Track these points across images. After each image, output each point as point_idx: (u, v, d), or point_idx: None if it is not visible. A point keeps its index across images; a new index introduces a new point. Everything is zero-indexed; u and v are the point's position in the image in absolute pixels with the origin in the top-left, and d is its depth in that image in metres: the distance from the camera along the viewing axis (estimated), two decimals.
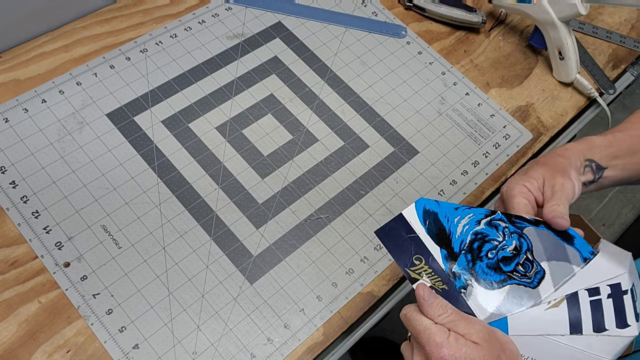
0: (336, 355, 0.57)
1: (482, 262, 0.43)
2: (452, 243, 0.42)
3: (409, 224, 0.42)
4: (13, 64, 0.67)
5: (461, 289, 0.42)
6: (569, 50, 0.74)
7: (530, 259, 0.43)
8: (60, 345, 0.52)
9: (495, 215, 0.43)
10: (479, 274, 0.42)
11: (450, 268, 0.42)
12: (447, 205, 0.42)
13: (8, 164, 0.61)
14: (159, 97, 0.68)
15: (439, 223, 0.42)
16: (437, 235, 0.42)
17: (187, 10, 0.75)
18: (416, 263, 0.42)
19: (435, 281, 0.42)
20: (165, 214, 0.60)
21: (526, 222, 0.44)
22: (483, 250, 0.43)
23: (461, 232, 0.42)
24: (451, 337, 0.39)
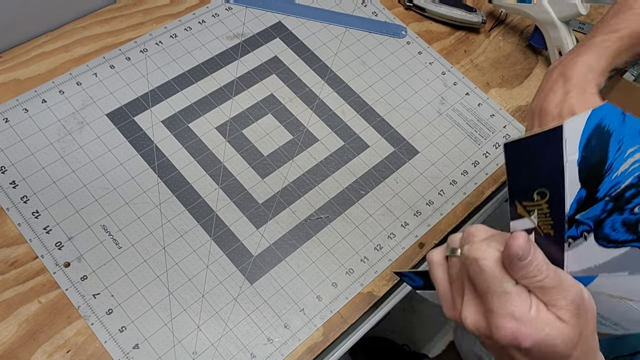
0: (336, 355, 0.57)
1: (621, 215, 0.31)
2: (601, 183, 0.31)
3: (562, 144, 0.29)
4: (13, 64, 0.67)
5: (569, 238, 0.33)
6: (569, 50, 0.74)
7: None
8: (60, 345, 0.52)
9: None
10: (604, 228, 0.32)
11: (574, 214, 0.32)
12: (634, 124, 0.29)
13: (8, 164, 0.61)
14: (159, 97, 0.68)
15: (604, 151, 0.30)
16: (590, 168, 0.30)
17: (187, 10, 0.75)
18: (535, 198, 0.32)
19: (544, 223, 0.33)
20: (165, 214, 0.60)
21: None
22: (633, 202, 0.31)
23: (625, 170, 0.30)
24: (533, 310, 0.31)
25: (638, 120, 0.30)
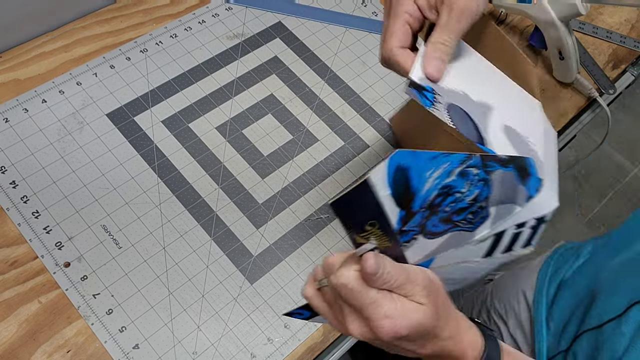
0: (336, 355, 0.57)
1: (436, 216, 0.40)
2: (413, 202, 0.38)
3: (374, 189, 0.36)
4: (13, 64, 0.67)
5: (404, 243, 0.40)
6: (569, 50, 0.74)
7: (484, 206, 0.41)
8: (60, 345, 0.52)
9: (471, 160, 0.39)
10: (427, 227, 0.40)
11: (401, 227, 0.39)
12: (423, 157, 0.37)
13: (8, 164, 0.61)
14: (159, 97, 0.68)
15: (408, 181, 0.37)
16: (401, 195, 0.37)
17: (187, 10, 0.75)
18: (367, 229, 0.39)
19: (382, 241, 0.40)
20: (165, 214, 0.60)
21: (497, 163, 0.40)
22: (443, 205, 0.39)
23: (428, 188, 0.38)
24: (399, 305, 0.37)
25: (426, 152, 0.37)
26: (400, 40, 0.43)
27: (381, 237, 0.39)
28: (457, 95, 0.44)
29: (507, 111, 0.46)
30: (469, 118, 0.43)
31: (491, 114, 0.45)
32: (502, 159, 0.40)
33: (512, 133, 0.44)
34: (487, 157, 0.39)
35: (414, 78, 0.42)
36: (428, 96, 0.42)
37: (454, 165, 0.38)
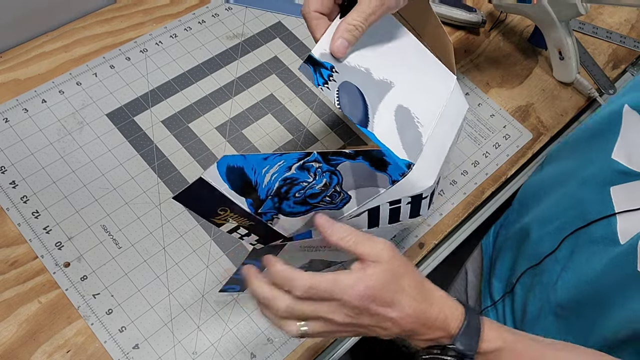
0: (336, 355, 0.57)
1: (288, 201, 0.43)
2: (257, 192, 0.42)
3: (210, 184, 0.40)
4: (13, 64, 0.67)
5: (268, 222, 0.44)
6: (569, 50, 0.74)
7: (339, 190, 0.44)
8: (60, 345, 0.52)
9: (309, 157, 0.42)
10: (284, 210, 0.44)
11: (255, 210, 0.43)
12: (255, 158, 0.41)
13: (8, 164, 0.61)
14: (159, 97, 0.68)
15: (245, 177, 0.41)
16: (242, 188, 0.41)
17: (187, 10, 0.75)
18: (220, 213, 0.43)
19: (242, 221, 0.44)
20: (165, 214, 0.60)
21: (343, 157, 0.43)
22: (290, 193, 0.43)
23: (269, 181, 0.42)
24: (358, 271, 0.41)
25: (256, 155, 0.41)
26: (320, 5, 0.45)
27: (239, 219, 0.44)
28: (357, 72, 0.46)
29: (409, 90, 0.48)
30: (361, 97, 0.45)
31: (389, 92, 0.47)
32: (348, 153, 0.43)
33: (402, 113, 0.46)
34: (327, 153, 0.42)
35: (314, 54, 0.44)
36: (324, 73, 0.44)
37: (289, 162, 0.42)
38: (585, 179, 0.56)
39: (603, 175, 0.54)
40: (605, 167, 0.54)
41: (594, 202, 0.54)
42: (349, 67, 0.46)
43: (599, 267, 0.51)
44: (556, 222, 0.59)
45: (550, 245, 0.58)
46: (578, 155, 0.61)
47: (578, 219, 0.55)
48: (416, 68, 0.50)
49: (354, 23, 0.44)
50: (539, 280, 0.59)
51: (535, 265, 0.60)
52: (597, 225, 0.53)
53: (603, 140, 0.56)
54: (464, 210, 0.66)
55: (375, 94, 0.46)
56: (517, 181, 0.72)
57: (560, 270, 0.56)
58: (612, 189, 0.52)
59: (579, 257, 0.54)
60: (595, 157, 0.56)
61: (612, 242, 0.50)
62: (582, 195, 0.56)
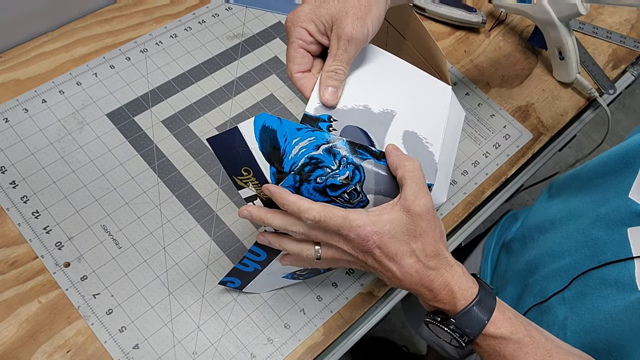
0: (336, 355, 0.57)
1: (309, 184, 0.43)
2: (283, 162, 0.42)
3: (244, 138, 0.41)
4: (13, 64, 0.67)
5: None
6: (569, 50, 0.74)
7: (358, 190, 0.44)
8: (60, 345, 0.52)
9: (338, 142, 0.43)
10: (303, 193, 0.43)
11: (275, 183, 0.43)
12: (290, 125, 0.41)
13: (8, 164, 0.61)
14: (159, 97, 0.68)
15: (275, 141, 0.42)
16: (269, 153, 0.42)
17: (187, 10, 0.75)
18: (244, 174, 0.43)
19: (260, 192, 0.44)
20: (165, 214, 0.60)
21: (369, 153, 0.44)
22: (313, 175, 0.43)
23: (296, 154, 0.42)
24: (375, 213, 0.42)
25: (291, 122, 0.41)
26: (299, 65, 0.46)
27: (259, 187, 0.44)
28: (356, 112, 0.46)
29: (411, 113, 0.48)
30: (366, 136, 0.45)
31: (393, 121, 0.47)
32: (375, 151, 0.43)
33: (410, 138, 0.47)
34: (355, 143, 0.43)
35: (308, 111, 0.45)
36: (322, 127, 0.44)
37: (319, 141, 0.42)
38: (600, 217, 0.54)
39: (619, 215, 0.51)
40: (621, 206, 0.52)
41: (609, 243, 0.51)
42: (347, 110, 0.46)
43: (613, 311, 0.48)
44: (567, 259, 0.56)
45: (559, 283, 0.56)
46: (591, 191, 0.58)
47: (590, 259, 0.53)
48: (412, 90, 0.50)
49: (332, 69, 0.45)
50: (545, 319, 0.56)
51: (541, 302, 0.58)
52: (611, 267, 0.50)
53: (620, 177, 0.53)
54: (464, 210, 0.66)
55: (379, 127, 0.46)
56: (517, 181, 0.72)
57: (568, 312, 0.54)
58: (629, 231, 0.50)
59: (589, 299, 0.52)
60: (610, 195, 0.54)
61: (629, 287, 0.48)
62: (596, 234, 0.54)
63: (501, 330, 0.43)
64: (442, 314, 0.45)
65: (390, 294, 0.61)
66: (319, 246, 0.45)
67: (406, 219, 0.42)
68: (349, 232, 0.42)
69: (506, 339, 0.43)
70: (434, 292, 0.43)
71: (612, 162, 0.56)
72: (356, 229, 0.41)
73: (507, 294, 0.65)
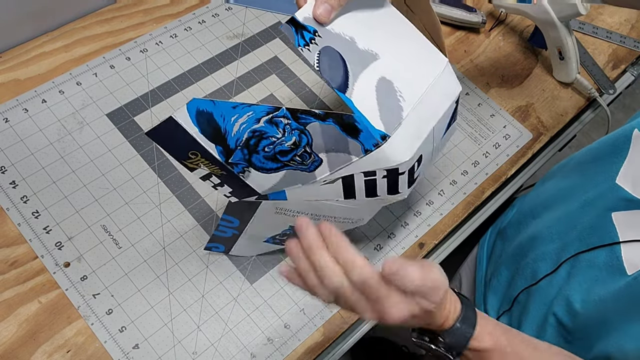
0: (336, 355, 0.57)
1: (258, 155, 0.44)
2: (227, 141, 0.43)
3: (181, 125, 0.42)
4: (13, 64, 0.67)
5: (239, 174, 0.46)
6: (569, 50, 0.74)
7: (309, 151, 0.44)
8: (60, 345, 0.52)
9: (278, 111, 0.43)
10: (255, 164, 0.45)
11: (226, 159, 0.44)
12: (224, 104, 0.42)
13: (8, 164, 0.61)
14: (159, 97, 0.68)
15: (214, 122, 0.42)
16: (211, 134, 0.42)
17: (187, 10, 0.75)
18: (192, 157, 0.44)
19: (214, 169, 0.45)
20: (165, 214, 0.60)
21: (313, 116, 0.43)
22: (260, 146, 0.44)
23: (237, 130, 0.42)
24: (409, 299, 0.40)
25: (225, 102, 0.41)
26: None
27: (210, 166, 0.45)
28: (341, 39, 0.46)
29: (395, 64, 0.48)
30: (343, 63, 0.45)
31: (373, 63, 0.47)
32: (318, 114, 0.43)
33: (385, 86, 0.46)
34: (297, 110, 0.42)
35: (298, 17, 0.45)
36: (305, 36, 0.44)
37: (257, 115, 0.42)
38: (587, 201, 0.55)
39: (605, 200, 0.53)
40: (608, 191, 0.53)
41: (595, 227, 0.53)
42: (333, 33, 0.46)
43: (603, 293, 0.50)
44: (556, 242, 0.58)
45: (549, 266, 0.57)
46: (581, 175, 0.60)
47: (579, 242, 0.54)
48: (405, 45, 0.50)
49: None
50: (533, 300, 0.58)
51: (532, 285, 0.59)
52: (599, 251, 0.52)
53: (608, 163, 0.54)
54: (464, 210, 0.66)
55: (358, 62, 0.46)
56: (517, 181, 0.72)
57: (556, 293, 0.55)
58: (613, 215, 0.51)
59: (577, 281, 0.53)
60: (599, 180, 0.55)
61: (618, 270, 0.49)
62: (583, 218, 0.55)
63: (484, 344, 0.44)
64: (428, 333, 0.46)
65: None
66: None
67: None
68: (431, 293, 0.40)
69: (490, 351, 0.44)
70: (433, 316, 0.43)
71: (602, 148, 0.57)
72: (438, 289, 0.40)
73: (501, 278, 0.66)
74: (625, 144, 0.53)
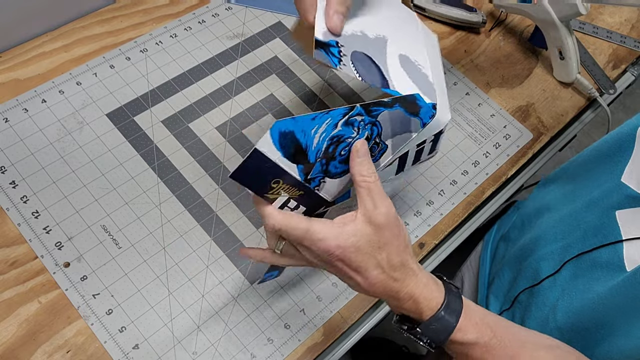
0: (336, 355, 0.57)
1: (334, 161, 0.43)
2: (308, 157, 0.42)
3: (265, 155, 0.40)
4: (13, 64, 0.67)
5: (315, 188, 0.44)
6: (569, 50, 0.74)
7: (378, 141, 0.45)
8: (60, 346, 0.52)
9: (353, 111, 0.42)
10: (331, 171, 0.44)
11: (305, 177, 0.43)
12: (303, 119, 0.40)
13: (8, 164, 0.61)
14: (159, 97, 0.68)
15: (296, 141, 0.40)
16: (293, 154, 0.41)
17: (187, 10, 0.75)
18: (274, 186, 0.42)
19: (293, 192, 0.43)
20: (165, 214, 0.60)
21: (382, 106, 0.43)
22: (337, 151, 0.43)
23: (317, 142, 0.41)
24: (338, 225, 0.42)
25: (305, 115, 0.40)
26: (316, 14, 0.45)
27: (290, 189, 0.43)
28: (356, 38, 0.47)
29: (399, 38, 0.49)
30: (372, 61, 0.46)
31: (387, 46, 0.48)
32: (386, 102, 0.43)
33: (406, 62, 0.48)
34: (369, 104, 0.42)
35: (318, 36, 0.44)
36: (334, 52, 0.44)
37: (335, 120, 0.41)
38: (592, 201, 0.55)
39: (610, 199, 0.52)
40: (613, 190, 0.52)
41: (600, 226, 0.52)
42: (348, 36, 0.46)
43: (602, 291, 0.49)
44: (560, 243, 0.57)
45: (551, 266, 0.57)
46: (586, 175, 0.59)
47: (582, 242, 0.54)
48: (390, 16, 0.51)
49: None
50: (535, 301, 0.58)
51: (533, 285, 0.59)
52: (602, 250, 0.51)
53: (613, 162, 0.54)
54: (464, 210, 0.66)
55: (378, 53, 0.47)
56: (518, 181, 0.72)
57: (559, 294, 0.55)
58: (617, 213, 0.51)
59: (580, 282, 0.53)
60: (603, 179, 0.55)
61: (617, 268, 0.49)
62: (588, 217, 0.54)
63: (468, 336, 0.43)
64: (409, 321, 0.45)
65: None
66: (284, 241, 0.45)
67: (369, 230, 0.42)
68: (311, 245, 0.41)
69: (474, 343, 0.43)
70: (400, 301, 0.43)
71: (606, 147, 0.56)
72: (317, 242, 0.41)
73: (503, 279, 0.66)
74: (630, 142, 0.52)
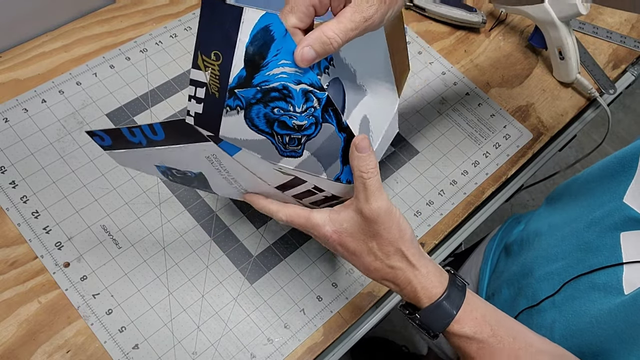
0: (336, 355, 0.57)
1: (265, 109, 0.40)
2: (257, 73, 0.38)
3: (240, 24, 0.36)
4: (13, 64, 0.67)
5: (227, 107, 0.41)
6: (569, 50, 0.74)
7: (302, 142, 0.43)
8: (60, 346, 0.52)
9: (320, 92, 0.39)
10: (252, 112, 0.40)
11: (234, 87, 0.39)
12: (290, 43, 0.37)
13: (8, 164, 0.61)
14: (158, 97, 0.68)
15: (265, 48, 0.37)
16: (252, 56, 0.37)
17: (187, 10, 0.75)
18: (212, 57, 0.38)
19: (213, 84, 0.40)
20: (165, 214, 0.60)
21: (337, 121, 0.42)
22: (274, 103, 0.40)
23: (274, 74, 0.38)
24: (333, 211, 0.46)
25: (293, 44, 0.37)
26: (300, 20, 0.41)
27: (215, 80, 0.40)
28: (348, 71, 0.46)
29: (373, 102, 0.49)
30: (342, 100, 0.45)
31: (362, 100, 0.48)
32: (343, 122, 0.42)
33: (365, 125, 0.47)
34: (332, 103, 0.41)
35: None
36: (321, 63, 0.43)
37: (304, 78, 0.39)
38: (594, 221, 0.54)
39: (613, 220, 0.51)
40: (615, 210, 0.51)
41: (601, 247, 0.51)
42: (344, 64, 0.46)
43: (598, 314, 0.48)
44: (560, 263, 0.56)
45: (551, 287, 0.56)
46: (588, 195, 0.58)
47: (582, 263, 0.53)
48: (381, 82, 0.50)
49: (330, 35, 0.38)
50: (535, 322, 0.57)
51: (532, 306, 0.58)
52: (601, 272, 0.50)
53: (616, 181, 0.53)
54: (464, 210, 0.66)
55: (353, 98, 0.47)
56: (517, 181, 0.72)
57: (556, 315, 0.54)
58: (622, 235, 0.50)
59: (577, 303, 0.51)
60: (606, 199, 0.54)
61: (615, 290, 0.47)
62: (589, 238, 0.53)
63: (464, 329, 0.43)
64: (411, 307, 0.47)
65: (390, 294, 0.61)
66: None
67: (359, 219, 0.44)
68: (312, 231, 0.46)
69: (469, 338, 0.43)
70: (399, 287, 0.45)
71: (609, 166, 0.56)
72: (317, 227, 0.46)
73: (502, 297, 0.65)
74: (633, 162, 0.52)
